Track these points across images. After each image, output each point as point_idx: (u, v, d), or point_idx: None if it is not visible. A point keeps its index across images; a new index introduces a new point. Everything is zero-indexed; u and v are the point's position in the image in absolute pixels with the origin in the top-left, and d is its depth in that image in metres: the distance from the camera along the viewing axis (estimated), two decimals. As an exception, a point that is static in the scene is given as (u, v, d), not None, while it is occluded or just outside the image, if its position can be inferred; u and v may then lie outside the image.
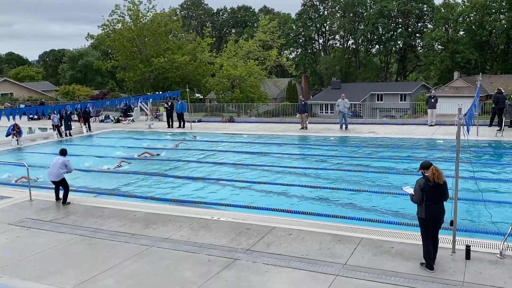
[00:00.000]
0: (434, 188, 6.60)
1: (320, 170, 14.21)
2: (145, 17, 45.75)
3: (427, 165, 6.84)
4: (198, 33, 64.08)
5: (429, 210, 6.63)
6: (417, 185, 6.74)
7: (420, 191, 6.63)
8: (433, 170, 6.65)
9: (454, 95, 50.44)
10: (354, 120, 26.81)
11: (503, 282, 6.23)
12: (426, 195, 6.61)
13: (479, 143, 17.12)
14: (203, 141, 20.82)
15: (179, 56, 43.00)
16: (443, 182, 6.64)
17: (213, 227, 8.92)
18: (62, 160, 10.89)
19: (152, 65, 43.07)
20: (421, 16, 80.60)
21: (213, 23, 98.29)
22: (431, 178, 6.60)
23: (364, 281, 6.45)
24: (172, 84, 43.93)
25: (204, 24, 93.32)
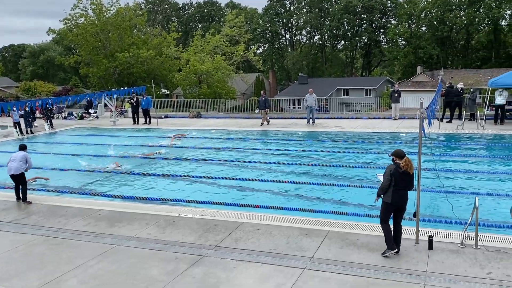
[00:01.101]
0: (402, 175, 6.89)
1: (288, 164, 14.29)
2: (108, 11, 44.77)
3: (400, 154, 7.06)
4: (164, 28, 63.29)
5: (395, 195, 6.92)
6: (387, 170, 7.03)
7: (389, 176, 6.93)
8: (407, 161, 6.93)
9: (417, 90, 51.72)
10: (321, 115, 27.12)
11: (464, 271, 6.44)
12: (395, 180, 6.90)
13: (441, 136, 17.61)
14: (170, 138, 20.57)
15: (144, 51, 42.32)
16: (412, 172, 6.94)
17: (181, 224, 8.83)
18: (22, 153, 10.62)
19: (117, 60, 42.23)
20: (385, 12, 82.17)
21: (179, 18, 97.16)
22: (403, 167, 6.87)
23: (330, 274, 6.53)
24: (138, 80, 43.24)
25: (169, 19, 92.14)
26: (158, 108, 31.97)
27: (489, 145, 16.13)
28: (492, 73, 49.73)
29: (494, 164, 13.17)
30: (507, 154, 14.45)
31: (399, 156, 7.02)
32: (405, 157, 6.98)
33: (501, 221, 8.42)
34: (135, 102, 25.72)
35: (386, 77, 68.53)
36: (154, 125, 24.82)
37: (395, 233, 7.09)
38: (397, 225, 7.11)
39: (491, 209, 9.17)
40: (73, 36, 45.16)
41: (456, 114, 21.01)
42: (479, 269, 6.46)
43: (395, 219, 7.11)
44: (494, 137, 17.22)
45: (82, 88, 65.46)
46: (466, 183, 11.36)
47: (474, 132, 18.05)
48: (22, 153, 10.67)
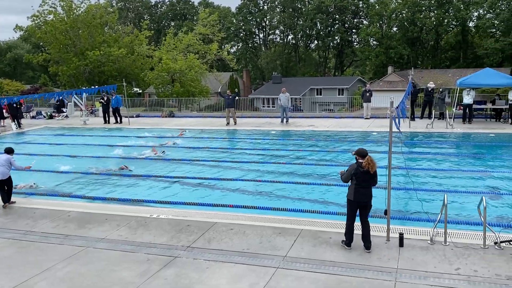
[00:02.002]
0: (364, 174, 7.02)
1: (261, 163, 14.29)
2: (78, 9, 43.85)
3: (363, 153, 7.17)
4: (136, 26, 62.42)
5: (357, 193, 7.08)
6: (349, 168, 7.20)
7: (350, 175, 7.12)
8: (368, 160, 7.03)
9: (388, 89, 52.58)
10: (295, 114, 27.28)
11: (433, 267, 6.56)
12: (356, 179, 7.05)
13: (411, 135, 17.95)
14: (144, 137, 20.29)
15: (115, 49, 41.65)
16: (374, 171, 7.04)
17: (152, 225, 8.71)
18: (6, 157, 10.11)
19: (87, 59, 41.41)
20: (357, 12, 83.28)
21: (151, 16, 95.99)
22: (364, 166, 6.98)
23: (303, 272, 6.55)
24: (109, 78, 42.52)
25: (141, 17, 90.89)
26: (130, 107, 31.51)
27: (457, 144, 16.54)
28: (460, 73, 51.05)
29: (462, 162, 13.51)
30: (475, 152, 14.84)
31: (361, 155, 7.14)
32: (367, 156, 7.08)
33: (469, 218, 8.63)
34: (106, 101, 25.26)
35: (358, 77, 69.47)
36: (125, 124, 24.45)
37: (362, 230, 7.20)
38: (364, 222, 7.21)
39: (459, 206, 9.38)
40: (41, 33, 44.02)
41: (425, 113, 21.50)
42: (448, 265, 6.59)
43: (361, 216, 7.23)
44: (462, 136, 17.67)
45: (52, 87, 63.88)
46: (435, 180, 11.61)
47: (443, 130, 18.48)
48: (5, 156, 10.12)
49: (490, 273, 6.29)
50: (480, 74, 20.55)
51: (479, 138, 17.08)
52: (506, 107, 19.95)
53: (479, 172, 12.33)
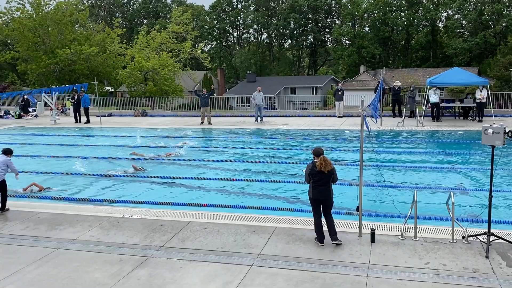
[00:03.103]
0: (319, 174, 7.16)
1: (236, 162, 14.30)
2: (48, 6, 42.80)
3: (317, 152, 7.32)
4: (107, 24, 61.35)
5: (315, 191, 7.27)
6: (306, 168, 7.38)
7: (307, 175, 7.32)
8: (321, 160, 7.17)
9: (361, 88, 53.35)
10: (269, 113, 27.40)
11: (404, 262, 6.70)
12: (313, 178, 7.22)
13: (382, 133, 18.27)
14: (115, 137, 20.01)
15: (86, 48, 40.88)
16: (327, 171, 7.15)
17: (125, 225, 8.60)
18: (3, 159, 9.52)
19: (57, 57, 40.49)
20: (330, 12, 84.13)
21: (123, 14, 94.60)
22: (317, 166, 7.13)
23: (277, 269, 6.60)
24: (80, 77, 41.70)
25: (113, 14, 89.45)
26: (102, 106, 31.02)
27: (426, 141, 16.92)
28: (430, 72, 52.26)
29: (432, 159, 13.84)
30: (443, 149, 15.23)
31: (316, 155, 7.29)
32: (321, 156, 7.19)
33: (438, 214, 8.85)
34: (76, 100, 24.77)
35: (331, 76, 70.20)
36: (97, 124, 24.05)
37: (327, 224, 7.36)
38: (326, 218, 7.39)
39: (429, 202, 9.61)
40: (8, 31, 42.82)
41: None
42: (418, 259, 6.75)
43: (323, 212, 7.40)
44: (431, 133, 18.09)
45: (20, 86, 62.22)
46: (405, 177, 11.85)
47: (413, 128, 18.89)
48: (2, 158, 9.54)
49: (458, 267, 6.48)
50: (448, 74, 21.09)
51: (448, 135, 17.53)
52: (474, 105, 20.53)
53: (448, 168, 12.66)
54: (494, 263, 6.53)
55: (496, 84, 45.95)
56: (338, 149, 15.70)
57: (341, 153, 15.03)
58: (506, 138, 6.86)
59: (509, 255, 6.78)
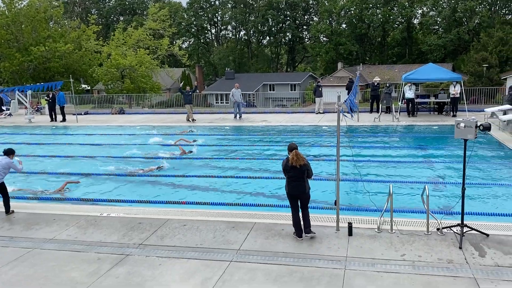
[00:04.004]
0: (293, 169, 7.23)
1: (215, 159, 14.28)
2: (21, 2, 41.81)
3: (290, 148, 7.40)
4: (83, 20, 60.31)
5: (290, 186, 7.37)
6: (282, 163, 7.48)
7: (283, 170, 7.39)
8: (293, 154, 7.25)
9: (338, 84, 53.79)
10: (248, 110, 27.40)
11: (381, 254, 6.83)
12: (287, 173, 7.32)
13: (359, 128, 18.50)
14: (92, 135, 19.75)
15: (61, 45, 40.11)
16: (299, 165, 7.20)
17: (103, 224, 8.52)
18: (5, 161, 9.09)
19: (31, 54, 39.62)
20: (307, 9, 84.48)
21: (99, 10, 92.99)
22: (290, 160, 7.20)
23: (257, 264, 6.65)
24: (55, 75, 40.90)
25: (89, 11, 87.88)
26: (78, 105, 30.55)
27: (402, 136, 17.20)
28: (406, 69, 52.98)
29: (407, 153, 14.09)
30: (419, 143, 15.53)
31: (289, 150, 7.38)
32: (293, 151, 7.27)
33: (413, 206, 9.03)
34: (51, 98, 24.32)
35: (309, 73, 70.59)
36: (73, 122, 23.68)
37: (302, 218, 7.46)
38: (302, 212, 7.49)
39: (405, 195, 9.80)
40: (-21, 27, 41.68)
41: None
42: (394, 252, 6.89)
43: (300, 207, 7.49)
44: (407, 128, 18.41)
45: (-7, 84, 60.72)
46: (382, 171, 12.05)
47: (389, 123, 19.19)
48: (5, 160, 9.08)
49: (433, 258, 6.63)
50: (423, 69, 21.46)
51: (423, 130, 17.86)
52: (448, 100, 20.94)
53: (423, 162, 12.92)
54: (467, 254, 6.71)
55: (469, 79, 46.93)
56: (316, 144, 15.84)
57: (319, 148, 15.17)
58: (478, 132, 7.04)
59: (482, 245, 6.98)
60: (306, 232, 7.41)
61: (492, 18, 61.44)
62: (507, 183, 10.69)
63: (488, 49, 52.61)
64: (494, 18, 61.44)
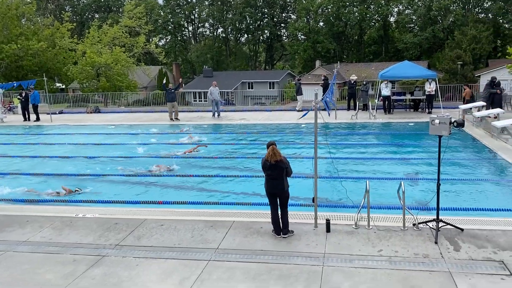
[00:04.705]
0: (271, 166, 7.22)
1: (193, 158, 14.18)
2: (-10, -1, 40.70)
3: (268, 145, 7.40)
4: (57, 18, 59.10)
5: (268, 184, 7.37)
6: (261, 161, 7.47)
7: (262, 168, 7.42)
8: (269, 150, 7.26)
9: (317, 82, 54.10)
10: (226, 108, 27.33)
11: (358, 250, 6.89)
12: (265, 171, 7.33)
13: (337, 125, 18.65)
14: (65, 134, 19.38)
15: (34, 43, 39.23)
16: (275, 161, 7.19)
17: (78, 225, 8.36)
18: None
19: (3, 53, 38.61)
20: (285, 7, 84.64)
21: (73, 7, 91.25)
22: (267, 157, 7.22)
23: (235, 263, 6.62)
24: (28, 73, 39.96)
25: (62, 8, 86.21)
26: (53, 104, 29.95)
27: (379, 133, 17.42)
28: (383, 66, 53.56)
29: (384, 150, 14.26)
30: (395, 140, 15.74)
31: (267, 147, 7.35)
32: (270, 147, 7.27)
33: (390, 202, 9.13)
34: (24, 97, 23.76)
35: (288, 71, 70.80)
36: (47, 121, 23.20)
37: (281, 218, 7.45)
38: (281, 211, 7.47)
39: (381, 192, 9.90)
40: None
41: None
42: (371, 247, 6.95)
43: (279, 206, 7.47)
44: (383, 125, 18.64)
45: (-37, 83, 59.02)
46: (359, 168, 12.17)
47: (366, 121, 19.40)
48: None
49: (409, 253, 6.72)
50: (399, 67, 21.76)
51: (399, 127, 18.12)
52: (424, 97, 21.29)
53: (399, 159, 13.09)
54: (442, 248, 6.82)
55: (444, 77, 47.84)
56: (294, 142, 15.89)
57: (297, 146, 15.22)
58: (452, 128, 7.16)
59: (456, 240, 7.10)
60: (283, 233, 7.41)
61: (466, 17, 62.70)
62: (481, 178, 10.93)
63: (462, 47, 53.71)
64: (467, 16, 62.71)
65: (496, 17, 63.45)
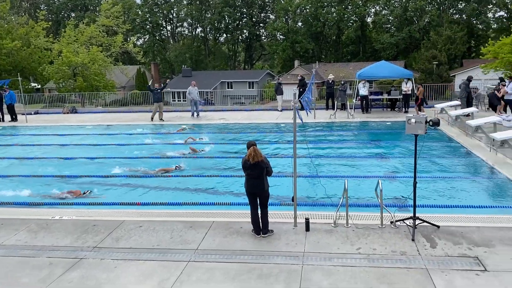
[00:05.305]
0: (251, 166, 7.23)
1: (172, 158, 14.08)
2: (-38, -3, 39.66)
3: (248, 144, 7.42)
4: (32, 16, 57.95)
5: (249, 183, 7.39)
6: (241, 161, 7.47)
7: (242, 167, 7.42)
8: (251, 151, 7.26)
9: (295, 82, 54.29)
10: (206, 108, 27.25)
11: (337, 248, 6.95)
12: (246, 171, 7.33)
13: (315, 125, 18.77)
14: (41, 135, 19.00)
15: (8, 42, 38.34)
16: (256, 162, 7.21)
17: (55, 227, 8.21)
18: None
19: (-24, 52, 37.69)
20: (264, 6, 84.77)
21: (48, 6, 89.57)
22: (248, 157, 7.22)
23: (215, 264, 6.60)
24: (2, 73, 39.04)
25: (37, 7, 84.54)
26: (28, 104, 29.35)
27: (357, 132, 17.61)
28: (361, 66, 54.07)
29: (361, 149, 14.42)
30: (372, 139, 15.94)
31: (248, 147, 7.39)
32: (251, 147, 7.29)
33: (368, 201, 9.25)
34: (-2, 97, 23.22)
35: (267, 70, 70.92)
36: (22, 122, 22.72)
37: (260, 218, 7.47)
38: (261, 211, 7.49)
39: (360, 190, 10.01)
40: None
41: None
42: (350, 245, 7.02)
43: (260, 206, 7.49)
44: (361, 125, 18.85)
45: None
46: (338, 167, 12.27)
47: (344, 120, 19.58)
48: None
49: (387, 250, 6.81)
50: (376, 67, 22.04)
51: (377, 126, 18.35)
52: (400, 97, 21.60)
53: (377, 157, 13.26)
54: (419, 245, 6.94)
55: (420, 76, 48.64)
56: (274, 142, 15.93)
57: (277, 145, 15.27)
58: (428, 127, 7.29)
59: (433, 237, 7.23)
60: (263, 233, 7.44)
61: (441, 18, 63.89)
62: (456, 176, 11.15)
63: (437, 47, 54.70)
64: (442, 17, 63.90)
65: (470, 18, 64.87)
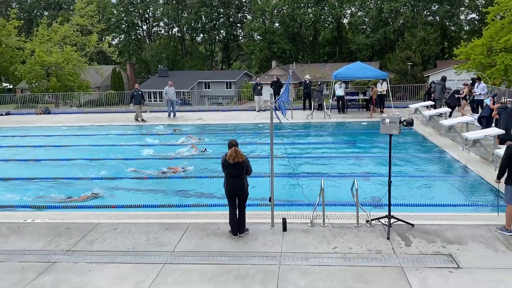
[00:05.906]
0: (231, 165, 7.24)
1: (147, 159, 13.93)
2: None
3: (230, 144, 7.42)
4: (2, 15, 56.48)
5: (227, 183, 7.39)
6: (221, 159, 7.47)
7: (221, 166, 7.42)
8: (232, 151, 7.27)
9: (273, 82, 54.45)
10: (183, 108, 27.03)
11: (314, 248, 6.99)
12: (225, 170, 7.33)
13: (293, 125, 18.85)
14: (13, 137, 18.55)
15: (-22, 41, 37.33)
16: (235, 162, 7.21)
17: (27, 231, 8.01)
18: None
19: None
20: (241, 7, 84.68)
21: (20, 4, 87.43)
22: (228, 157, 7.21)
23: (191, 265, 6.55)
24: (-28, 73, 38.01)
25: (9, 5, 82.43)
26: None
27: (333, 132, 17.76)
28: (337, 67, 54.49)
29: (338, 149, 14.55)
30: (348, 139, 16.09)
31: (229, 147, 7.39)
32: (232, 147, 7.29)
33: (344, 200, 9.31)
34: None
35: (245, 71, 70.87)
36: (-7, 123, 22.15)
37: (238, 217, 7.46)
38: (239, 210, 7.50)
39: (336, 190, 10.09)
40: None
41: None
42: (326, 245, 7.07)
43: (238, 206, 7.48)
44: (337, 125, 19.02)
45: None
46: (314, 167, 12.35)
47: (321, 120, 19.73)
48: None
49: (363, 249, 6.88)
50: (352, 67, 22.27)
51: (353, 126, 18.54)
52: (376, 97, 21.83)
53: (352, 157, 13.39)
54: (394, 244, 7.03)
55: (395, 77, 49.35)
56: (252, 142, 15.92)
57: (255, 146, 15.26)
58: (402, 127, 7.39)
59: (408, 235, 7.34)
60: (240, 232, 7.45)
61: (415, 19, 64.94)
62: (430, 175, 11.35)
63: (412, 48, 55.57)
64: (417, 19, 64.95)
65: (443, 20, 66.16)
